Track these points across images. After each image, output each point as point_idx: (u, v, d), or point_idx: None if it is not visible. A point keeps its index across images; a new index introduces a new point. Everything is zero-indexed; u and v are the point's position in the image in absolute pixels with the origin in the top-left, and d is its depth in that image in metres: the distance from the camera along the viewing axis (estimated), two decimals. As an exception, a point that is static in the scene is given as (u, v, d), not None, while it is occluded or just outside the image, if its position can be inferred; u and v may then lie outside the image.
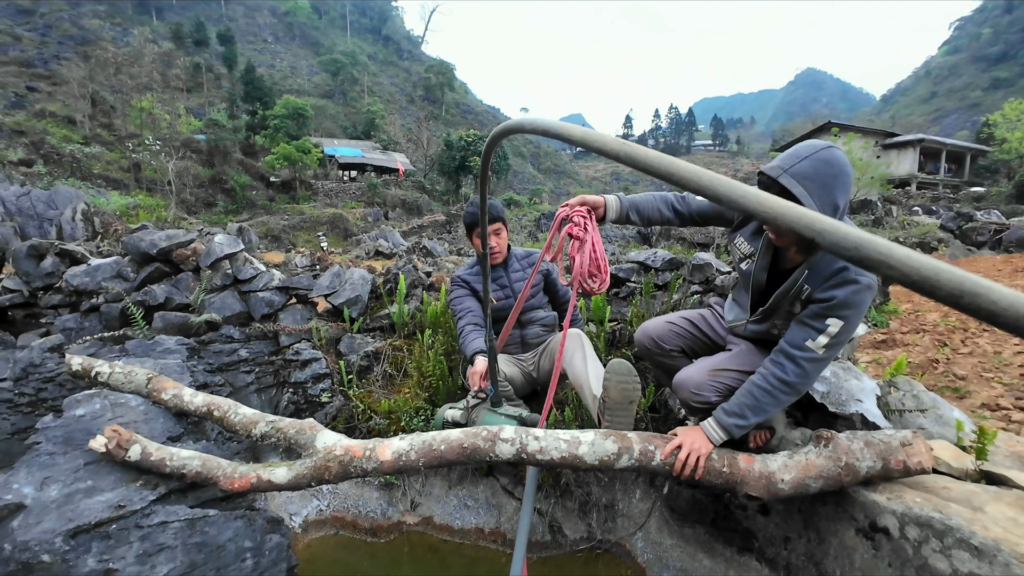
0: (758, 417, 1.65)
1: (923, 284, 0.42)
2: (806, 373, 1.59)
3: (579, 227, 1.61)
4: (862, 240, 0.46)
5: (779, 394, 1.62)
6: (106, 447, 1.67)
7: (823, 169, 1.40)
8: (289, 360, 3.22)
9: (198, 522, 1.66)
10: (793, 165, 1.42)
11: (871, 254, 0.45)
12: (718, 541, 2.20)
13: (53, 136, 25.12)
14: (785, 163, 1.44)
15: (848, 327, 1.51)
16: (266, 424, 1.80)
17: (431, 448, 1.74)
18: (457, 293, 2.76)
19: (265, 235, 21.16)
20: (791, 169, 1.41)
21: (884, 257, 0.44)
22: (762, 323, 1.81)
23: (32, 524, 1.50)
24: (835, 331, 1.51)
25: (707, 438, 1.70)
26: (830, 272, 1.51)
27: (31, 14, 52.68)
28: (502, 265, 2.78)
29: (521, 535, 1.71)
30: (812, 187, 1.39)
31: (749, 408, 1.65)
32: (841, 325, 1.50)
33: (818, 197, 1.39)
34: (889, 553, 1.60)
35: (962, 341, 4.78)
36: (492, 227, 2.60)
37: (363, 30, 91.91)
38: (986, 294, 0.39)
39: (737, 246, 1.87)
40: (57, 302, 3.62)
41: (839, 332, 1.51)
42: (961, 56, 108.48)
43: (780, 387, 1.62)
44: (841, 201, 1.43)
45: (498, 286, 2.76)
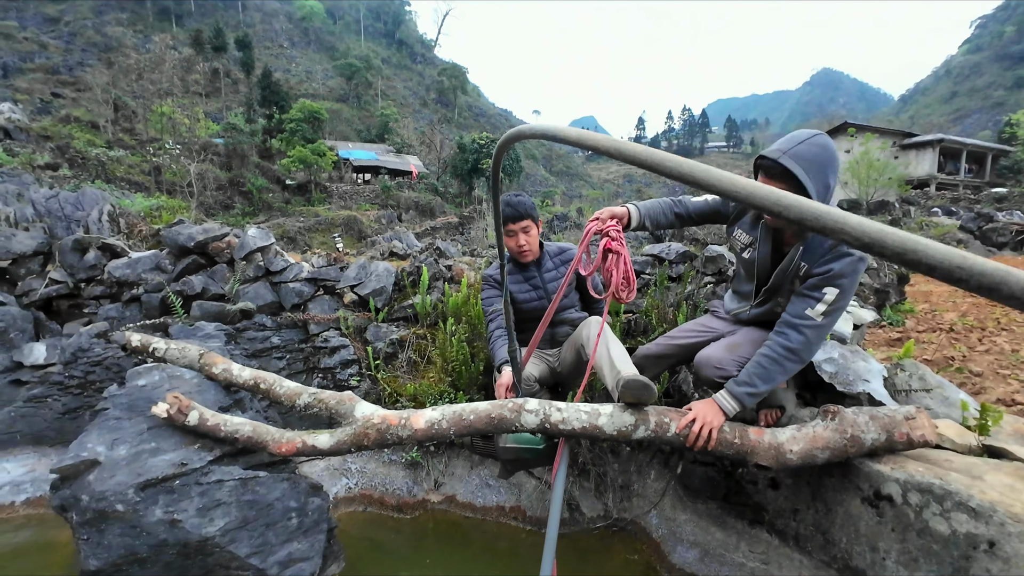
0: (767, 385, 1.76)
1: (872, 245, 0.51)
2: (808, 340, 1.72)
3: (617, 242, 1.74)
4: (818, 210, 0.56)
5: (785, 362, 1.74)
6: (167, 413, 1.83)
7: (819, 153, 1.56)
8: (318, 347, 3.38)
9: (249, 482, 1.81)
10: (792, 147, 1.57)
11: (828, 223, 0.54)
12: (730, 515, 2.30)
13: (78, 140, 25.82)
14: (785, 146, 1.59)
15: (843, 295, 1.66)
16: (308, 396, 1.96)
17: (461, 418, 1.87)
18: (488, 293, 2.70)
19: (281, 237, 21.56)
20: (790, 151, 1.56)
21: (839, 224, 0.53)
22: (765, 304, 1.96)
23: (106, 478, 1.67)
24: (831, 299, 1.65)
25: (719, 410, 1.80)
26: (823, 248, 1.67)
27: (56, 22, 54.24)
28: (534, 264, 2.64)
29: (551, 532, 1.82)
30: (810, 167, 1.54)
31: (758, 377, 1.77)
32: (837, 293, 1.65)
33: (814, 176, 1.55)
34: (892, 519, 1.70)
35: (979, 340, 4.79)
36: (520, 224, 2.50)
37: (377, 34, 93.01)
38: (924, 250, 0.48)
39: (736, 238, 2.02)
40: (99, 293, 3.83)
41: (835, 300, 1.65)
42: (983, 55, 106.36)
43: (786, 355, 1.74)
44: (832, 181, 1.60)
45: (531, 286, 2.63)
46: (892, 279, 5.27)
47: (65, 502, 1.71)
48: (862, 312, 2.74)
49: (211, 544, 1.70)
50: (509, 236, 2.54)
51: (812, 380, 2.31)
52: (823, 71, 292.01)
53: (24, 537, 2.68)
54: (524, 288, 2.62)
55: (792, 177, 1.54)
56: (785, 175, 1.55)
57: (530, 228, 2.54)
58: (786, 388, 2.18)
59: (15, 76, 40.15)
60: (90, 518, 1.63)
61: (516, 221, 2.50)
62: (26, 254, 3.83)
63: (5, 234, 3.84)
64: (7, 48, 44.20)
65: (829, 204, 1.66)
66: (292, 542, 1.86)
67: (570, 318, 2.66)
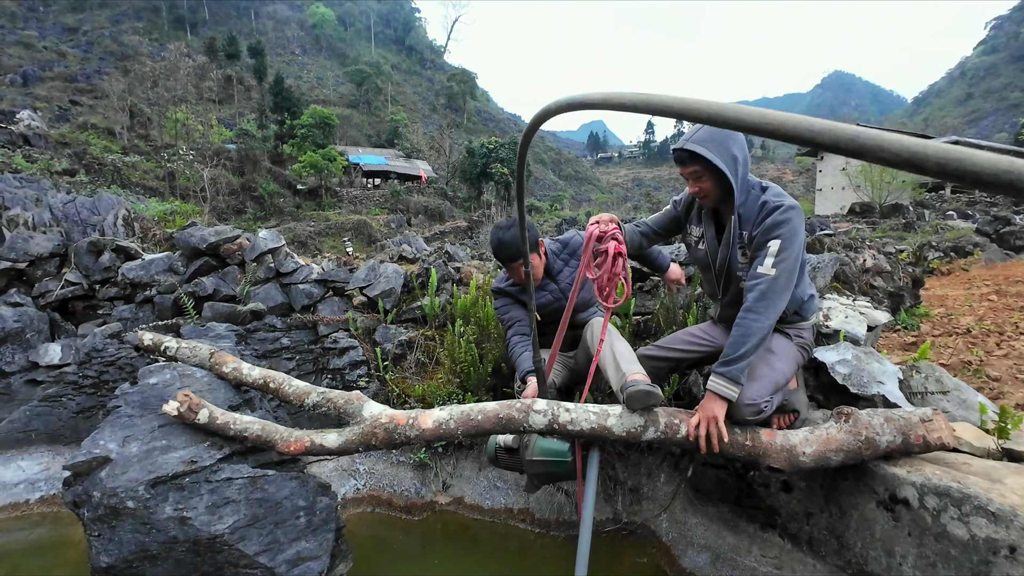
0: (745, 349, 1.71)
1: (912, 160, 0.48)
2: (764, 294, 1.72)
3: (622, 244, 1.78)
4: (857, 132, 0.53)
5: (750, 323, 1.72)
6: (178, 411, 1.85)
7: (716, 132, 1.75)
8: (328, 348, 3.40)
9: (259, 480, 1.82)
10: (694, 134, 1.78)
11: (866, 142, 0.51)
12: (741, 518, 2.27)
13: (94, 147, 26.32)
14: (689, 135, 1.81)
15: (786, 243, 1.72)
16: (317, 395, 1.96)
17: (469, 418, 1.87)
18: (500, 302, 2.68)
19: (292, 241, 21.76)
20: (693, 137, 1.77)
21: (876, 142, 0.51)
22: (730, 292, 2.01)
23: (118, 474, 1.69)
24: (775, 249, 1.72)
25: (717, 396, 1.76)
26: (755, 211, 1.80)
27: (75, 31, 55.46)
28: (545, 275, 2.62)
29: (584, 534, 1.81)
30: (712, 146, 1.74)
31: (732, 346, 1.74)
32: (779, 243, 1.72)
33: (718, 152, 1.73)
34: (909, 523, 1.66)
35: (997, 344, 4.69)
36: (515, 264, 2.45)
37: (387, 41, 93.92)
38: (968, 158, 0.46)
39: (690, 234, 2.09)
40: (113, 294, 3.89)
41: (779, 250, 1.71)
42: (999, 56, 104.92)
43: (748, 316, 1.73)
44: (738, 153, 1.77)
45: (547, 292, 2.61)
46: (907, 282, 5.19)
47: (77, 498, 1.73)
48: (876, 314, 2.70)
49: (220, 542, 1.71)
50: (510, 271, 2.52)
51: (826, 382, 2.28)
52: (834, 74, 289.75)
53: (39, 534, 2.71)
54: (540, 295, 2.61)
55: (700, 157, 1.74)
56: (694, 157, 1.76)
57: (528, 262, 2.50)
58: (797, 390, 2.15)
59: (35, 84, 41.07)
60: (102, 514, 1.65)
61: (509, 262, 2.47)
62: (43, 256, 3.90)
63: (23, 236, 3.92)
64: (27, 57, 45.26)
65: (739, 173, 1.78)
66: (300, 541, 1.86)
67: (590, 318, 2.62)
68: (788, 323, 2.03)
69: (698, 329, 2.32)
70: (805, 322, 2.06)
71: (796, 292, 1.95)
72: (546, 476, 2.20)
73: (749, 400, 1.79)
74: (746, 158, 1.80)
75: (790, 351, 1.98)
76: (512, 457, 2.26)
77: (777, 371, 1.89)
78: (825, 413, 2.14)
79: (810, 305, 2.07)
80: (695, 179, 1.82)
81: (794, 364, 1.99)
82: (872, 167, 20.83)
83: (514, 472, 2.65)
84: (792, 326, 2.04)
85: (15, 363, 3.43)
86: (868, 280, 4.04)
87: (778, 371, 1.89)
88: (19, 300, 3.66)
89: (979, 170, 0.45)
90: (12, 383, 3.41)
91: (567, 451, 2.05)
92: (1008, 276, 6.73)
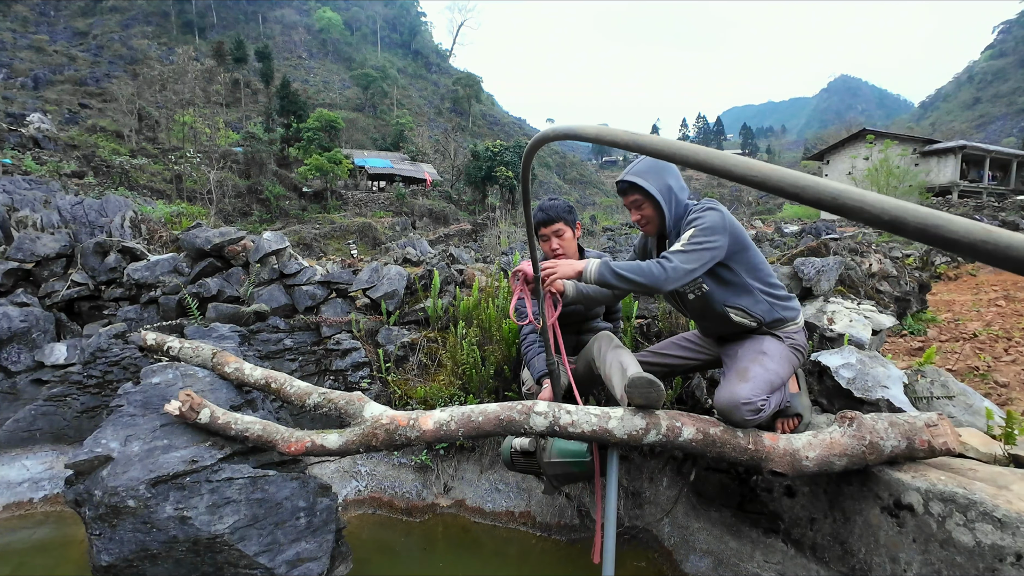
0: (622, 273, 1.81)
1: (894, 223, 0.49)
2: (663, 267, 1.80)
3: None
4: (839, 191, 0.53)
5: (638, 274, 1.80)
6: (180, 410, 1.86)
7: (653, 164, 1.94)
8: (330, 349, 3.41)
9: (259, 480, 1.82)
10: (634, 167, 1.97)
11: (847, 201, 0.51)
12: (744, 523, 2.25)
13: (103, 149, 26.56)
14: (629, 168, 1.99)
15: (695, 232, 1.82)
16: (318, 395, 1.97)
17: (469, 419, 1.86)
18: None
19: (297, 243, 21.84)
20: (632, 170, 1.96)
21: (858, 203, 0.51)
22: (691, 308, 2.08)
23: (119, 473, 1.69)
24: (686, 237, 1.84)
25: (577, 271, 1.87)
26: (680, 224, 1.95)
27: (85, 36, 56.08)
28: None
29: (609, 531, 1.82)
30: (649, 176, 1.92)
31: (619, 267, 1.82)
32: (690, 232, 1.84)
33: (654, 182, 1.91)
34: (913, 529, 1.64)
35: (1005, 350, 4.64)
36: (552, 228, 2.44)
37: (393, 45, 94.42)
38: (946, 225, 0.46)
39: None
40: (119, 295, 3.91)
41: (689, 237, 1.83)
42: (1007, 60, 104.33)
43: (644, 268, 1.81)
44: (671, 182, 1.94)
45: None
46: (913, 287, 5.15)
47: (79, 497, 1.74)
48: (881, 318, 2.68)
49: (220, 542, 1.71)
50: (543, 241, 2.50)
51: (830, 386, 2.26)
52: (841, 78, 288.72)
53: (43, 533, 2.72)
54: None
55: (639, 188, 1.92)
56: (633, 187, 1.94)
57: (563, 232, 2.46)
58: (800, 394, 2.13)
59: (45, 88, 41.55)
60: (103, 513, 1.65)
61: (547, 224, 2.45)
62: (49, 257, 3.93)
63: (30, 237, 3.95)
64: (38, 61, 45.81)
65: (674, 200, 1.92)
66: (300, 541, 1.86)
67: (597, 327, 2.66)
68: (774, 328, 2.02)
69: (693, 335, 2.33)
70: (792, 324, 2.05)
71: (767, 298, 1.99)
72: (566, 477, 2.21)
73: (745, 399, 1.78)
74: (681, 187, 1.98)
75: (782, 351, 1.97)
76: (528, 460, 2.23)
77: (770, 371, 1.88)
78: (829, 417, 2.12)
79: (789, 304, 2.06)
80: (636, 207, 1.99)
81: (788, 364, 1.97)
82: (879, 172, 20.70)
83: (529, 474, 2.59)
84: (780, 329, 2.03)
85: (21, 363, 3.46)
86: (874, 285, 4.01)
87: (771, 371, 1.89)
88: (26, 300, 3.69)
89: (956, 237, 0.46)
90: (18, 382, 3.43)
91: (586, 451, 2.06)
92: (1016, 281, 6.67)
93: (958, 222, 0.46)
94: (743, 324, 1.99)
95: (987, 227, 0.45)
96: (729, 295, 1.96)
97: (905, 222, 0.48)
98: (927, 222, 0.47)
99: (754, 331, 2.03)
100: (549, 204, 2.50)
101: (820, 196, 0.54)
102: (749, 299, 1.96)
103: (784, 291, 2.08)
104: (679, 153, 0.67)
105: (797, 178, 0.56)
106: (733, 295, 1.96)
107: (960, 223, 0.46)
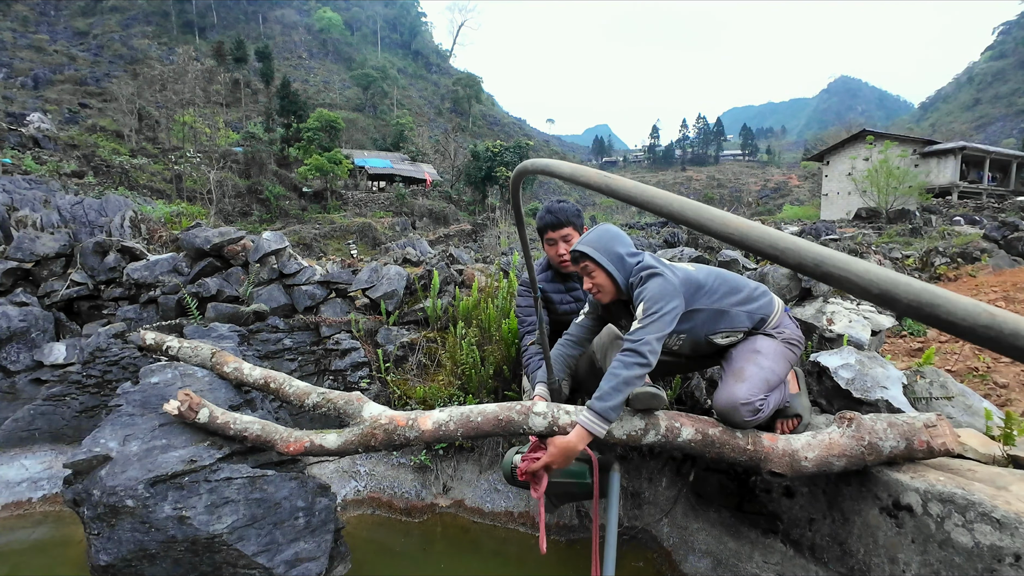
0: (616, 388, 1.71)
1: (882, 296, 0.43)
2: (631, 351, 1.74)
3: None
4: (820, 255, 0.48)
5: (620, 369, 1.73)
6: (178, 410, 1.86)
7: (602, 234, 2.00)
8: (330, 349, 3.40)
9: (258, 480, 1.82)
10: (586, 238, 2.01)
11: (831, 269, 0.46)
12: (743, 524, 2.25)
13: (103, 149, 26.55)
14: (583, 240, 2.03)
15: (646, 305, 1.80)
16: (317, 395, 1.96)
17: (468, 419, 1.86)
18: (522, 302, 2.56)
19: (297, 243, 21.85)
20: (584, 240, 2.01)
21: (843, 271, 0.46)
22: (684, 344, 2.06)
23: (118, 473, 1.69)
24: (639, 312, 1.81)
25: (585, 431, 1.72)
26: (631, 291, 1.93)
27: (85, 35, 56.10)
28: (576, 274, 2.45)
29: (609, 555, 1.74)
30: (599, 246, 1.95)
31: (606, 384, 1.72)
32: (641, 306, 1.81)
33: (604, 252, 1.94)
34: (912, 530, 1.64)
35: (1004, 350, 4.64)
36: (560, 232, 2.37)
37: (393, 45, 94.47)
38: (944, 304, 0.40)
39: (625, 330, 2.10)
40: (118, 294, 3.91)
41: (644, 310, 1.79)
42: (1007, 61, 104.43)
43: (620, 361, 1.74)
44: (620, 249, 1.97)
45: (572, 297, 2.52)
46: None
47: (77, 496, 1.74)
48: (880, 318, 2.68)
49: (219, 541, 1.71)
50: (549, 245, 2.43)
51: (829, 387, 2.26)
52: (841, 79, 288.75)
53: (41, 533, 2.72)
54: (565, 299, 2.52)
55: (589, 256, 1.95)
56: (583, 256, 1.97)
57: (571, 236, 2.39)
58: (800, 394, 2.13)
59: (45, 87, 41.56)
60: (101, 513, 1.65)
61: (556, 229, 2.38)
62: (49, 256, 3.93)
63: (29, 236, 3.95)
64: (39, 60, 45.82)
65: (624, 266, 1.90)
66: (299, 541, 1.86)
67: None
68: (761, 328, 2.02)
69: None
70: (775, 317, 2.04)
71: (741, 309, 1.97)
72: (566, 496, 2.10)
73: (744, 400, 1.78)
74: (630, 252, 2.00)
75: (776, 348, 1.96)
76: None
77: (766, 369, 1.87)
78: (828, 418, 2.12)
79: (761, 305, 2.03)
80: (587, 275, 2.00)
81: (784, 360, 1.96)
82: (879, 172, 20.69)
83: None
84: (767, 327, 2.02)
85: (20, 362, 3.46)
86: (873, 285, 4.00)
87: (767, 369, 1.88)
88: (25, 300, 3.69)
89: (955, 320, 0.40)
90: (17, 382, 3.43)
91: (587, 471, 1.95)
92: (1016, 282, 6.66)
93: (959, 303, 0.40)
94: (733, 340, 2.00)
95: (990, 310, 0.39)
96: (708, 326, 1.96)
97: (896, 297, 0.42)
98: (921, 299, 0.41)
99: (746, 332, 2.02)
100: (558, 207, 2.40)
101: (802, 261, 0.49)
102: (727, 320, 1.96)
103: (749, 291, 2.04)
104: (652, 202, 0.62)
105: (777, 239, 0.51)
106: (711, 324, 1.96)
107: (961, 304, 0.40)
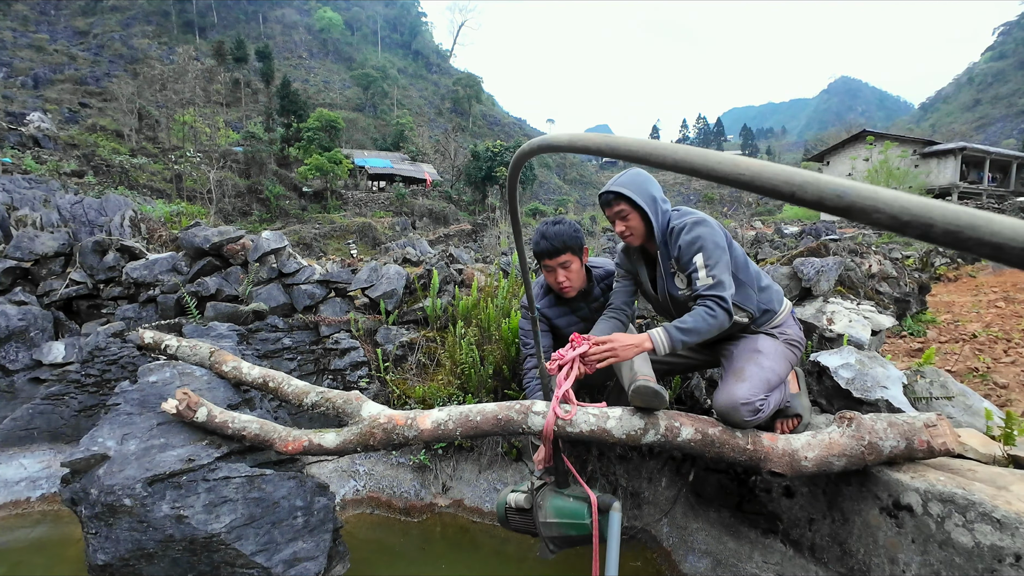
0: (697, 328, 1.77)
1: (915, 224, 0.39)
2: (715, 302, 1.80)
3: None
4: (845, 188, 0.43)
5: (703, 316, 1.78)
6: (177, 409, 1.85)
7: (636, 175, 1.97)
8: (329, 349, 3.40)
9: (256, 479, 1.82)
10: (617, 179, 1.98)
11: (855, 199, 0.42)
12: (743, 524, 2.24)
13: (103, 149, 26.56)
14: (614, 180, 2.00)
15: (708, 252, 1.83)
16: (316, 394, 1.96)
17: (467, 419, 1.86)
18: (524, 324, 2.46)
19: (297, 243, 21.85)
20: (618, 182, 1.97)
21: (868, 200, 0.41)
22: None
23: (116, 472, 1.68)
24: (701, 262, 1.83)
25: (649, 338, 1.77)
26: (667, 237, 1.94)
27: (85, 35, 56.07)
28: (581, 297, 2.36)
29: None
30: (634, 188, 1.93)
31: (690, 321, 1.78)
32: (700, 256, 1.83)
33: (641, 194, 1.92)
34: (912, 530, 1.64)
35: (1004, 351, 4.63)
36: (557, 260, 2.19)
37: (394, 45, 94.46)
38: (986, 226, 0.36)
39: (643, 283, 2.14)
40: (117, 294, 3.91)
41: (706, 259, 1.83)
42: (1008, 62, 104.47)
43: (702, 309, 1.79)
44: (655, 193, 1.96)
45: (578, 318, 2.42)
46: (913, 288, 5.14)
47: (75, 495, 1.73)
48: (880, 318, 2.68)
49: (217, 541, 1.70)
50: (547, 272, 2.26)
51: (829, 387, 2.26)
52: (841, 79, 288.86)
53: (40, 532, 2.71)
54: (572, 320, 2.43)
55: (624, 198, 1.92)
56: (619, 198, 1.94)
57: (570, 263, 2.21)
58: (800, 394, 2.13)
59: (45, 87, 41.53)
60: (99, 512, 1.65)
61: (553, 256, 2.18)
62: (48, 255, 3.92)
63: (29, 235, 3.95)
64: (38, 60, 45.79)
65: (658, 211, 1.91)
66: (297, 541, 1.85)
67: None
68: (763, 324, 2.02)
69: None
70: (780, 315, 2.05)
71: (753, 291, 1.99)
72: (563, 540, 1.94)
73: (744, 399, 1.77)
74: (663, 198, 2.00)
75: (777, 348, 1.96)
76: (524, 518, 1.99)
77: (767, 369, 1.88)
78: (828, 418, 2.11)
79: (769, 296, 2.05)
80: (621, 218, 1.97)
81: (785, 361, 1.96)
82: (879, 172, 20.70)
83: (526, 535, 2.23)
84: (769, 325, 2.03)
85: (19, 361, 3.45)
86: (874, 285, 4.00)
87: (768, 369, 1.88)
88: (24, 299, 3.69)
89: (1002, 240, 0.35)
90: (15, 381, 3.42)
91: (585, 512, 1.80)
92: (1016, 283, 6.66)
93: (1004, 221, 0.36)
94: (738, 321, 1.99)
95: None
96: None
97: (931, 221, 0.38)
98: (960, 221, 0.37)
99: (747, 328, 2.02)
100: (553, 231, 2.18)
101: (822, 195, 0.44)
102: (741, 293, 1.96)
103: (762, 276, 2.08)
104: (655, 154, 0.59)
105: (792, 175, 0.47)
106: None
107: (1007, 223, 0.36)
